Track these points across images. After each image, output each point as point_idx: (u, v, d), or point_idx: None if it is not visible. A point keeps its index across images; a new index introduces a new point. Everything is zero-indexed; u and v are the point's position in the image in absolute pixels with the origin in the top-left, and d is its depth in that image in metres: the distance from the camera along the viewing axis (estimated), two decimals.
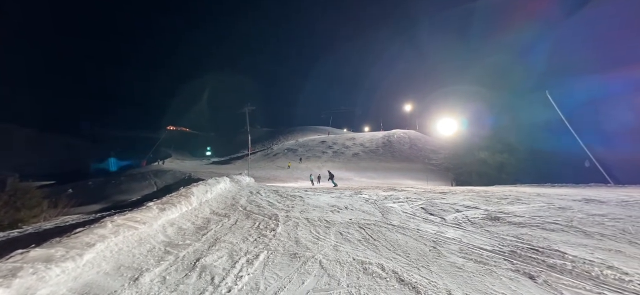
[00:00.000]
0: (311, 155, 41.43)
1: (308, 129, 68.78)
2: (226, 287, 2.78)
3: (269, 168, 33.16)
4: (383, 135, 46.29)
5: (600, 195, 6.62)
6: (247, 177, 11.85)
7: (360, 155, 37.80)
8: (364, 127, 70.63)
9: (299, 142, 50.74)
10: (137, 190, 16.68)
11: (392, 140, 42.82)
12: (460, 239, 4.02)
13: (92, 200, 13.51)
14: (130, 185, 19.32)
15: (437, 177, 29.01)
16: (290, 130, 67.50)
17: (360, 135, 52.76)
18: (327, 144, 45.83)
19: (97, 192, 17.55)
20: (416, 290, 2.57)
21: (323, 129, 68.80)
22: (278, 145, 53.05)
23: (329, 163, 37.17)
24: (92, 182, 23.97)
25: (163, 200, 5.57)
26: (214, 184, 7.96)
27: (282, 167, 33.87)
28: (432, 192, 8.78)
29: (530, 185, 11.91)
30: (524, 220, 4.76)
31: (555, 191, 8.27)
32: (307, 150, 44.50)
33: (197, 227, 4.99)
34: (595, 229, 4.02)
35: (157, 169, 30.58)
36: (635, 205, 5.24)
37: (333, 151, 42.03)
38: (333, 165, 35.29)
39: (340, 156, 39.40)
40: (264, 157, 44.92)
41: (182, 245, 4.02)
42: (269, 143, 57.95)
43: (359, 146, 42.34)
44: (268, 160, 42.32)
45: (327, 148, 43.77)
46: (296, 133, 63.46)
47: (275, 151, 47.76)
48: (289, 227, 4.98)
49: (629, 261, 2.97)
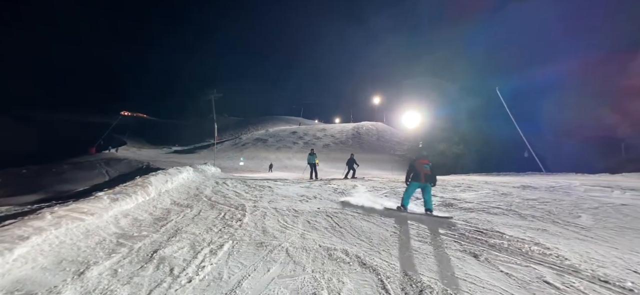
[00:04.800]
0: (282, 146, 40.95)
1: (279, 119, 67.54)
2: (186, 277, 2.67)
3: (237, 158, 32.04)
4: (353, 127, 47.38)
5: (534, 182, 7.62)
6: (212, 167, 11.34)
7: (330, 147, 38.37)
8: (334, 118, 71.52)
9: (269, 133, 49.66)
10: (84, 179, 14.94)
11: (361, 132, 44.08)
12: (418, 224, 4.35)
13: (27, 191, 11.78)
14: (76, 175, 17.24)
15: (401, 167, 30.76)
16: (261, 120, 65.67)
17: (330, 126, 53.35)
18: (298, 134, 45.59)
19: (32, 182, 15.32)
20: (376, 272, 2.74)
21: (294, 119, 68.14)
22: (247, 135, 51.37)
23: (299, 154, 37.14)
24: (27, 170, 20.82)
25: (115, 190, 5.10)
26: (176, 173, 7.49)
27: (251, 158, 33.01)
28: (396, 182, 9.29)
29: (480, 174, 13.24)
30: (473, 205, 5.30)
31: (500, 179, 9.31)
32: (278, 140, 43.86)
33: (155, 218, 4.68)
34: (528, 212, 4.64)
35: (110, 157, 27.69)
36: (560, 190, 6.13)
37: (304, 142, 42.01)
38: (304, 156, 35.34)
39: (311, 147, 39.53)
40: (232, 147, 43.26)
41: (138, 237, 3.75)
42: (238, 132, 55.82)
43: (329, 137, 42.88)
44: (237, 150, 40.86)
45: (298, 139, 43.58)
46: (266, 123, 61.95)
47: (244, 141, 46.24)
48: (256, 217, 4.91)
49: (551, 238, 3.49)
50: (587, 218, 4.15)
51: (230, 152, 39.52)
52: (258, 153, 37.58)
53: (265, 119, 66.73)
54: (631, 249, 3.07)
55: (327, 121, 70.24)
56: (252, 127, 58.96)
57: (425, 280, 2.53)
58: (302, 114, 75.75)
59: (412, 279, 2.56)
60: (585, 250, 3.06)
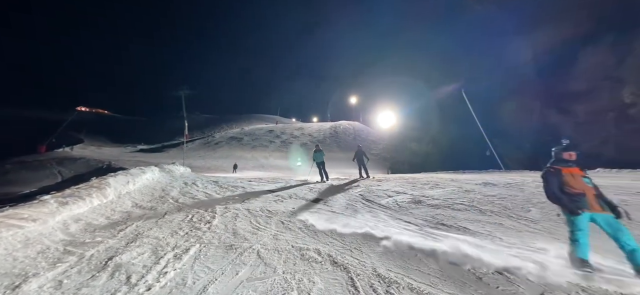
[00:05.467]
0: (258, 145, 40.08)
1: (255, 117, 65.95)
2: (145, 285, 2.48)
3: (209, 158, 30.76)
4: (330, 126, 47.76)
5: (494, 179, 8.24)
6: (181, 167, 10.75)
7: (308, 145, 38.31)
8: (312, 117, 71.56)
9: (244, 131, 48.28)
10: (32, 181, 13.32)
11: (338, 131, 44.61)
12: (388, 221, 4.48)
13: None
14: (22, 175, 15.35)
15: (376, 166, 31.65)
16: (235, 118, 63.61)
17: (308, 125, 53.30)
18: (275, 133, 44.90)
19: None
20: (347, 270, 2.76)
21: (271, 117, 67.00)
22: (221, 133, 49.48)
23: (276, 152, 36.61)
24: None
25: (65, 193, 4.60)
26: (139, 173, 6.97)
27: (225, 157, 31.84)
28: (370, 180, 9.52)
29: (448, 172, 14.04)
30: (439, 202, 5.59)
31: (464, 177, 9.94)
32: (254, 139, 42.84)
33: (112, 223, 4.30)
34: (487, 207, 5.00)
35: (64, 156, 25.05)
36: (516, 187, 6.69)
37: (281, 141, 41.49)
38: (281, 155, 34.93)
39: (288, 146, 39.16)
40: (204, 146, 41.41)
41: (91, 244, 3.41)
42: (211, 131, 53.53)
43: (307, 136, 42.81)
44: (209, 149, 39.19)
45: (275, 137, 42.92)
46: (241, 121, 60.13)
47: (218, 139, 44.47)
48: (227, 219, 4.73)
49: (506, 231, 3.79)
50: (536, 212, 4.57)
51: (201, 151, 37.80)
52: (233, 152, 36.38)
53: (241, 117, 64.78)
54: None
55: (304, 120, 70.03)
56: (226, 126, 56.89)
57: (393, 275, 2.61)
58: (279, 113, 74.74)
59: (381, 276, 2.62)
60: (533, 241, 3.36)
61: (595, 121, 19.37)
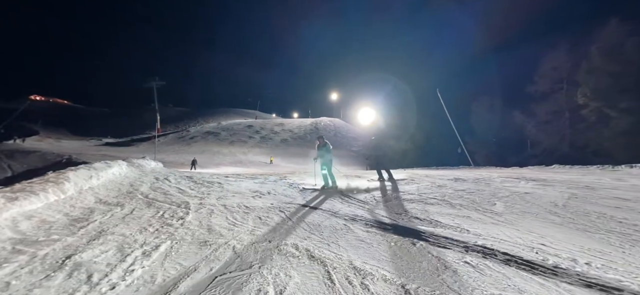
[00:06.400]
0: (236, 140, 38.99)
1: (233, 111, 64.08)
2: (109, 284, 2.32)
3: (183, 152, 29.42)
4: (311, 122, 47.74)
5: (464, 175, 8.74)
6: (152, 162, 10.16)
7: (288, 141, 37.99)
8: (292, 113, 70.94)
9: (221, 125, 46.71)
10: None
11: (319, 127, 44.73)
12: (365, 215, 4.58)
13: None
14: None
15: (356, 163, 32.23)
16: (212, 112, 61.32)
17: (289, 121, 52.79)
18: (255, 128, 43.98)
19: None
20: (323, 264, 2.78)
21: (250, 112, 65.44)
22: (196, 128, 47.46)
23: (256, 148, 35.93)
24: None
25: (15, 188, 4.15)
26: (104, 168, 6.48)
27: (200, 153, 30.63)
28: (350, 176, 9.67)
29: (423, 168, 14.67)
30: (414, 197, 5.81)
31: (438, 173, 10.44)
32: (232, 134, 41.59)
33: (72, 219, 3.96)
34: (457, 201, 5.29)
35: (14, 148, 22.61)
36: (483, 182, 7.16)
37: (261, 136, 40.71)
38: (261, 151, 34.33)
39: (268, 142, 38.57)
40: (179, 140, 39.49)
41: (45, 242, 3.12)
42: (185, 124, 51.14)
43: (287, 132, 42.40)
44: (183, 143, 37.44)
45: (254, 133, 42.00)
46: (218, 115, 58.12)
47: (193, 134, 42.61)
48: (201, 215, 4.56)
49: (473, 223, 4.04)
50: (500, 205, 4.92)
51: (175, 145, 36.03)
52: (209, 147, 35.08)
53: (218, 111, 62.60)
54: (529, 229, 3.74)
55: (285, 115, 69.22)
56: (201, 119, 54.70)
57: (368, 268, 2.67)
58: (258, 107, 73.24)
59: (356, 268, 2.67)
60: (496, 232, 3.62)
61: (554, 120, 21.29)
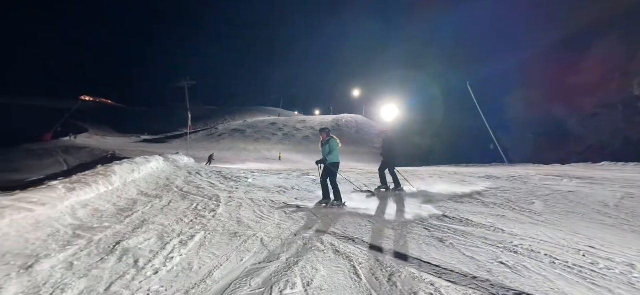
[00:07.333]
0: (260, 137, 40.13)
1: (257, 109, 65.81)
2: (153, 269, 2.55)
3: (212, 149, 30.86)
4: (332, 119, 47.61)
5: (497, 172, 8.21)
6: (185, 158, 10.83)
7: (310, 138, 38.30)
8: (314, 110, 71.21)
9: (247, 123, 48.30)
10: (38, 169, 13.56)
11: (341, 124, 44.48)
12: (391, 212, 4.51)
13: None
14: (28, 163, 15.62)
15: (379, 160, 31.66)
16: (238, 110, 63.55)
17: (310, 118, 53.15)
18: (278, 125, 44.87)
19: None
20: (349, 259, 2.80)
21: (273, 110, 66.85)
22: (224, 125, 49.61)
23: (279, 145, 36.67)
24: None
25: (73, 180, 4.68)
26: (144, 163, 7.05)
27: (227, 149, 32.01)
28: (373, 173, 9.53)
29: (451, 165, 14.02)
30: (442, 195, 5.59)
31: (467, 170, 9.91)
32: (256, 131, 42.88)
33: (119, 209, 4.38)
34: (490, 200, 5.00)
35: (69, 144, 25.37)
36: (518, 179, 6.68)
37: (283, 133, 41.51)
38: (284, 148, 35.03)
39: (290, 138, 39.23)
40: (208, 137, 41.59)
41: (98, 228, 3.49)
42: (213, 122, 53.66)
43: (309, 129, 42.72)
44: (212, 140, 39.36)
45: (277, 130, 42.91)
46: (244, 113, 60.05)
47: (221, 131, 44.63)
48: (231, 208, 4.79)
49: (508, 223, 3.80)
50: (539, 204, 4.56)
51: (205, 142, 37.97)
52: (235, 144, 36.52)
53: (243, 109, 64.70)
54: (574, 230, 3.44)
55: (307, 113, 69.74)
56: (229, 117, 56.95)
57: (395, 264, 2.64)
58: (281, 105, 74.53)
59: (383, 264, 2.65)
60: (536, 232, 3.37)
61: (602, 114, 19.08)
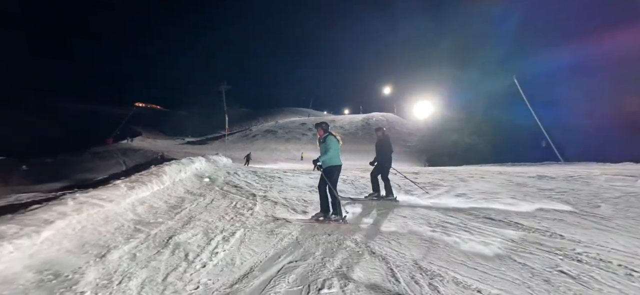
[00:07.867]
0: (291, 137, 41.18)
1: (288, 110, 67.65)
2: (201, 262, 2.78)
3: (247, 149, 32.49)
4: (362, 118, 46.94)
5: (551, 172, 7.35)
6: (224, 158, 11.55)
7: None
8: (344, 109, 70.89)
9: (278, 124, 49.93)
10: (103, 169, 15.65)
11: (371, 123, 43.60)
12: (428, 213, 4.30)
13: (51, 179, 12.48)
14: (95, 164, 18.08)
15: (412, 159, 30.39)
16: (270, 112, 65.99)
17: (340, 117, 53.02)
18: (307, 126, 45.58)
19: (56, 170, 16.15)
20: (385, 261, 2.74)
21: (303, 111, 68.08)
22: (257, 127, 51.91)
23: (309, 145, 37.23)
24: (51, 159, 21.92)
25: (132, 179, 5.30)
26: (188, 163, 7.68)
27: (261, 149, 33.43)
28: (406, 173, 9.19)
29: (494, 164, 12.89)
30: (486, 196, 5.18)
31: (514, 169, 9.03)
32: (287, 132, 44.08)
33: (170, 206, 4.85)
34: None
35: (126, 147, 28.77)
36: (579, 180, 5.90)
37: (313, 133, 42.05)
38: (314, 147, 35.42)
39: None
40: (243, 138, 43.89)
41: (154, 224, 3.91)
42: (248, 124, 56.45)
43: (338, 128, 42.66)
44: (247, 141, 41.43)
45: (307, 130, 43.60)
46: (276, 114, 62.18)
47: (255, 132, 46.77)
48: (266, 206, 5.00)
49: (568, 227, 3.38)
50: (606, 208, 3.99)
51: (240, 143, 40.10)
52: (268, 144, 38.00)
53: (275, 111, 66.98)
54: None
55: (336, 112, 69.71)
56: (261, 119, 59.45)
57: (435, 269, 2.52)
58: (311, 105, 75.59)
59: (422, 268, 2.55)
60: (604, 239, 2.96)
61: None
